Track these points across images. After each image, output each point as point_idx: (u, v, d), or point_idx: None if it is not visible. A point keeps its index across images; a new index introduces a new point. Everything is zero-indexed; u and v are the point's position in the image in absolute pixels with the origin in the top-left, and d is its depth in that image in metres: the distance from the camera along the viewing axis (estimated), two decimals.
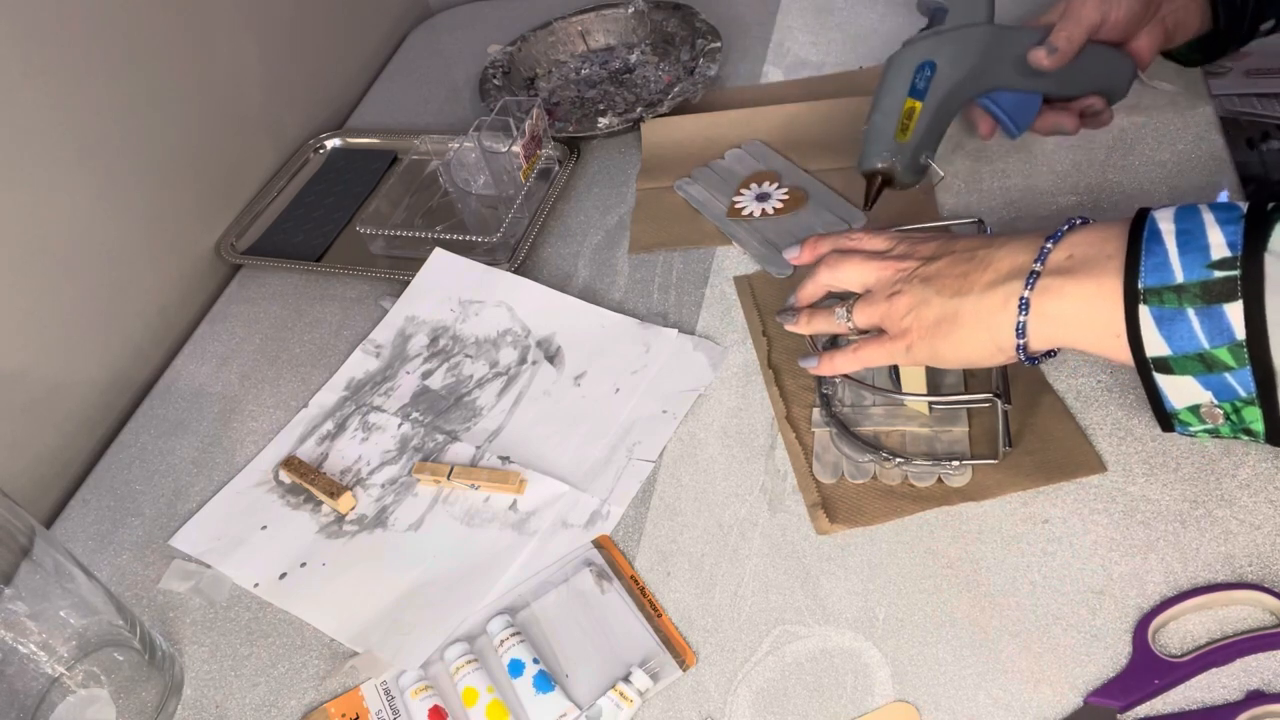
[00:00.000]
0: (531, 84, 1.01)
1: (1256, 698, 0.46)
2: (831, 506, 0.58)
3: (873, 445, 0.59)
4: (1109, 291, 0.45)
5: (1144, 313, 0.44)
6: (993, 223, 0.70)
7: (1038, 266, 0.48)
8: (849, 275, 0.56)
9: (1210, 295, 0.42)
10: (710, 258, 0.77)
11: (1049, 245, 0.48)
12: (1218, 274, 0.42)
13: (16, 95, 0.70)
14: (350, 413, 0.73)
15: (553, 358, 0.72)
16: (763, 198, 0.79)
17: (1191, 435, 0.48)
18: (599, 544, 0.60)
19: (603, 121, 0.88)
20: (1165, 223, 0.45)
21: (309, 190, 0.95)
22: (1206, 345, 0.43)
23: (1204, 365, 0.43)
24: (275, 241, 0.89)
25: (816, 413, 0.63)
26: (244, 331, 0.82)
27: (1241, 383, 0.43)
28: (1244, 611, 0.50)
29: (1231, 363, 0.42)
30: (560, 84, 0.97)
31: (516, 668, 0.54)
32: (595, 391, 0.69)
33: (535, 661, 0.54)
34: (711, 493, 0.61)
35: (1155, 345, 0.44)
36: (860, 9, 0.99)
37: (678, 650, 0.54)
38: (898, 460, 0.58)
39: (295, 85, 1.01)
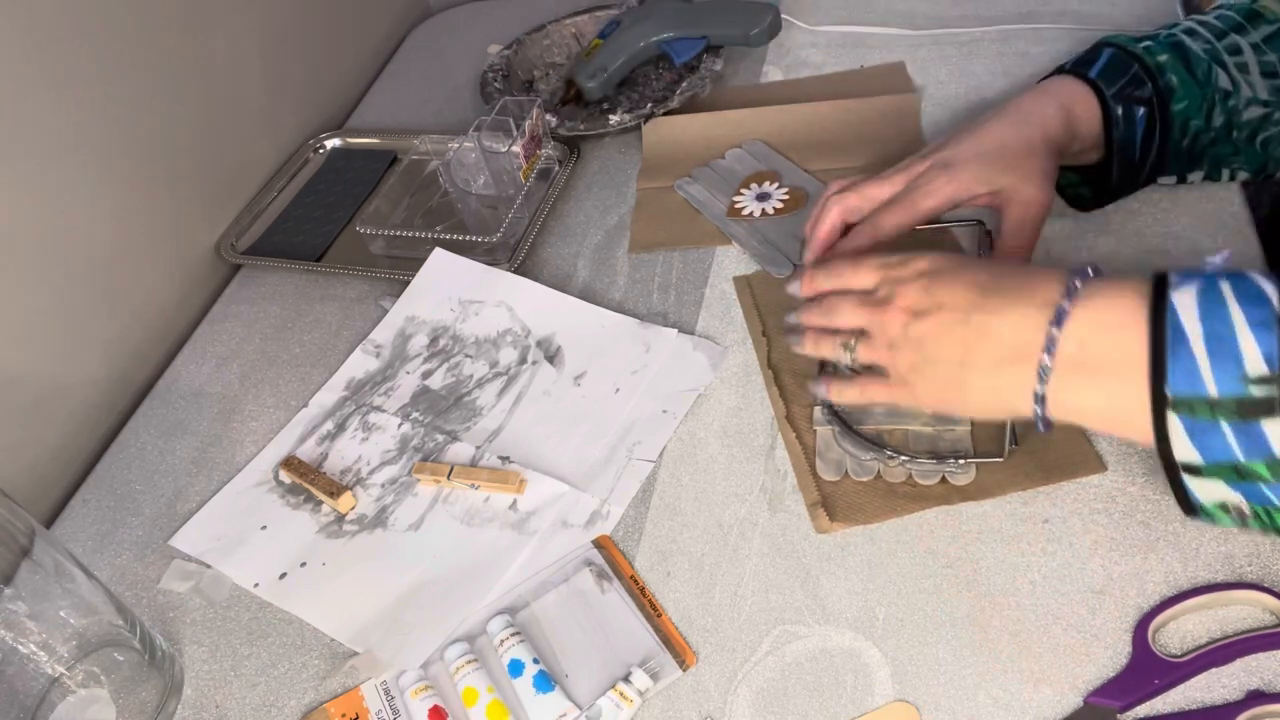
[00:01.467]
0: (530, 87, 1.01)
1: (1256, 698, 0.46)
2: (831, 505, 0.58)
3: (876, 444, 0.59)
4: (1133, 395, 0.43)
5: (1173, 420, 0.42)
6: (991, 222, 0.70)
7: (1047, 360, 0.45)
8: (844, 319, 0.55)
9: (1246, 411, 0.40)
10: (710, 258, 0.77)
11: (1055, 331, 0.45)
12: (1255, 391, 0.40)
13: (16, 95, 0.70)
14: (350, 413, 0.73)
15: (553, 358, 0.72)
16: (763, 197, 0.79)
17: (1215, 524, 0.45)
18: (599, 544, 0.60)
19: (613, 119, 0.88)
20: (1190, 321, 0.41)
21: (309, 190, 0.95)
22: (1241, 458, 0.41)
23: (1237, 474, 0.41)
24: (275, 241, 0.89)
25: (818, 411, 0.63)
26: (244, 331, 0.82)
27: (1276, 494, 0.41)
28: (1244, 611, 0.50)
29: (1268, 476, 0.41)
30: (560, 86, 0.97)
31: (516, 668, 0.54)
32: (595, 391, 0.69)
33: (535, 661, 0.54)
34: (711, 493, 0.61)
35: (1186, 452, 0.42)
36: (860, 9, 0.99)
37: (678, 650, 0.54)
38: (902, 458, 0.58)
39: (295, 85, 1.01)
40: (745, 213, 0.79)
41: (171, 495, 0.70)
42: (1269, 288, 0.41)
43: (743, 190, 0.80)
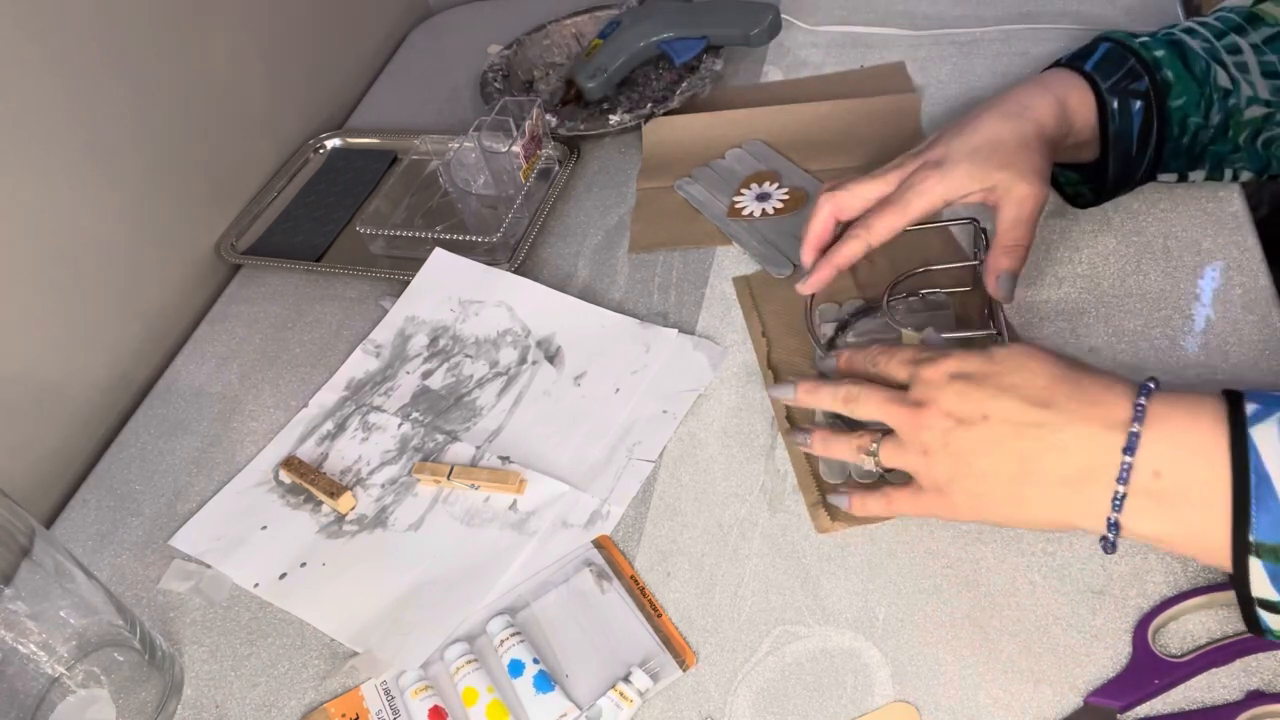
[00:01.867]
0: (530, 87, 1.01)
1: (1256, 698, 0.46)
2: (832, 505, 0.58)
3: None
4: (1214, 530, 0.42)
5: (1255, 565, 0.41)
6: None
7: (1122, 489, 0.43)
8: (869, 413, 0.51)
9: None
10: (710, 258, 0.77)
11: (1128, 459, 0.43)
12: None
13: (16, 95, 0.70)
14: (350, 413, 0.73)
15: (553, 358, 0.72)
16: (763, 197, 0.79)
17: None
18: (599, 544, 0.60)
19: (614, 119, 0.88)
20: (1273, 462, 0.40)
21: (309, 190, 0.95)
22: None
23: None
24: (275, 241, 0.89)
25: (820, 411, 0.63)
26: (244, 331, 0.82)
27: None
28: None
29: None
30: (560, 86, 0.97)
31: (516, 668, 0.54)
32: (595, 391, 0.69)
33: (535, 661, 0.54)
34: (711, 493, 0.61)
35: (1265, 591, 0.41)
36: (860, 9, 0.99)
37: (678, 650, 0.54)
38: None
39: (295, 85, 1.01)
40: (745, 213, 0.79)
41: (171, 495, 0.70)
42: None
43: (743, 190, 0.80)
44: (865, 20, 0.97)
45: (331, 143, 1.00)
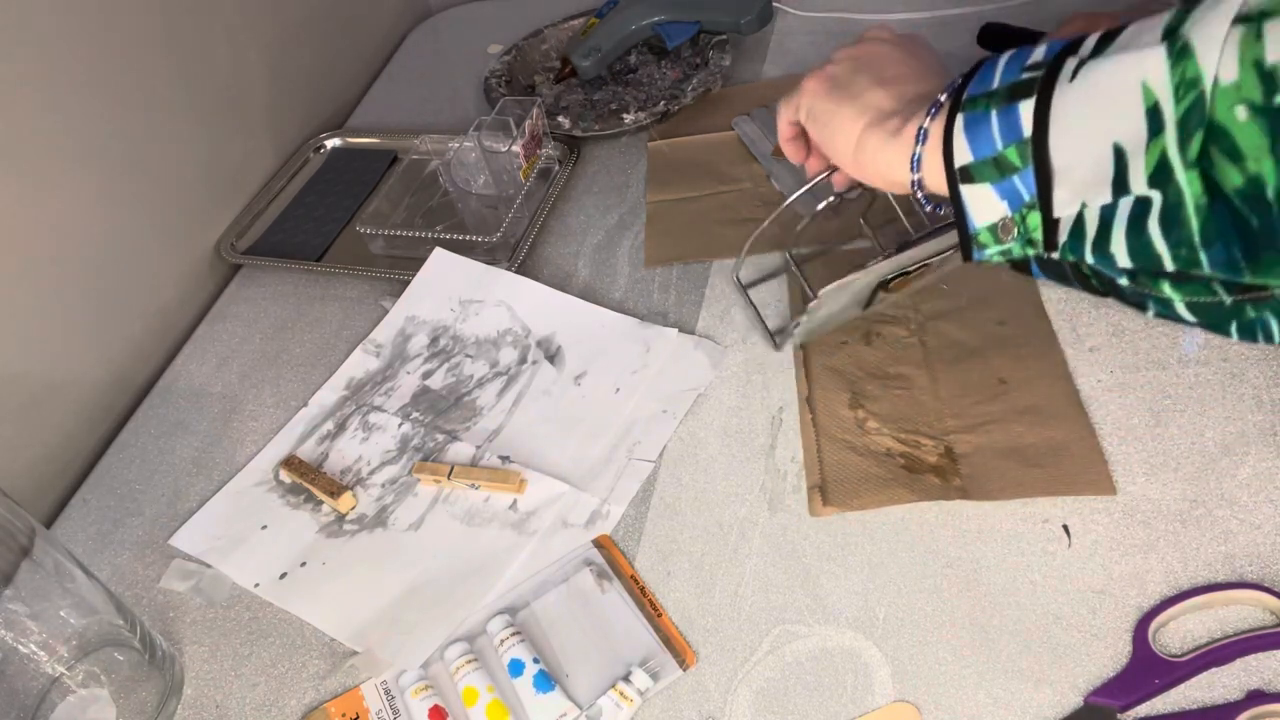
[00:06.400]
0: (532, 91, 1.01)
1: (1256, 697, 0.46)
2: (827, 490, 0.58)
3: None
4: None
5: (958, 122, 0.44)
6: None
7: (919, 149, 0.48)
8: (801, 100, 0.58)
9: (1014, 94, 0.42)
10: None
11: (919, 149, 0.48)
12: (1025, 75, 0.42)
13: (16, 96, 0.70)
14: (350, 412, 0.73)
15: (553, 357, 0.72)
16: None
17: (989, 260, 0.47)
18: (599, 543, 0.60)
19: (628, 117, 0.88)
20: (1003, 58, 0.45)
21: (309, 190, 0.95)
22: (1000, 146, 0.43)
23: (998, 169, 0.43)
24: (275, 241, 0.89)
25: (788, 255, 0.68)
26: (244, 331, 0.82)
27: (1026, 185, 0.42)
28: (1244, 611, 0.50)
29: (1017, 162, 0.42)
30: (563, 89, 0.98)
31: (516, 667, 0.54)
32: (595, 391, 0.69)
33: (535, 661, 0.54)
34: (711, 492, 0.61)
35: (962, 154, 0.44)
36: (860, 7, 0.99)
37: (678, 650, 0.54)
38: (879, 259, 0.59)
39: (295, 85, 1.01)
40: None
41: (171, 495, 0.70)
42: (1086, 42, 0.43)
43: None
44: (860, 7, 0.97)
45: (331, 142, 1.00)
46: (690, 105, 0.89)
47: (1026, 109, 0.41)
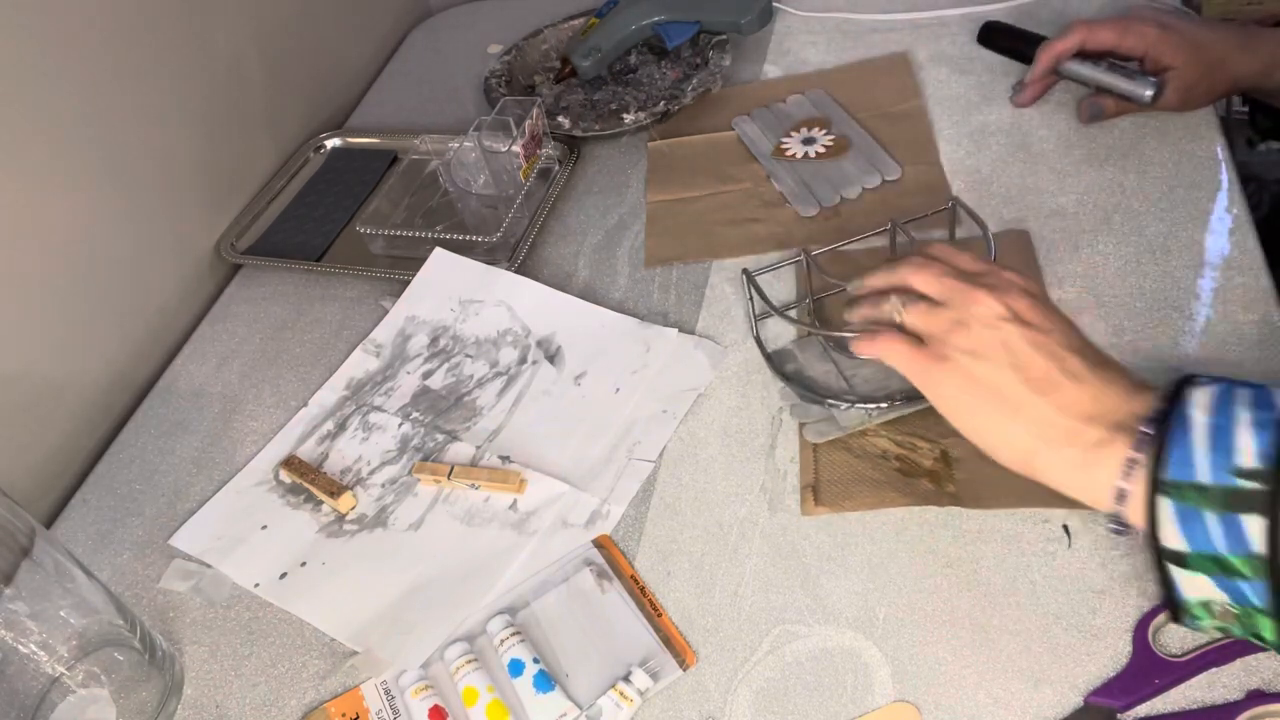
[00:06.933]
0: (532, 91, 1.01)
1: (1256, 697, 0.46)
2: (820, 490, 0.58)
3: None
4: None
5: (1163, 504, 0.42)
6: (993, 221, 0.70)
7: (1137, 454, 0.43)
8: (928, 282, 0.51)
9: (1231, 503, 0.40)
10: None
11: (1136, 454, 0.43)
12: (1242, 484, 0.40)
13: (16, 96, 0.70)
14: (350, 412, 0.73)
15: (553, 357, 0.72)
16: (809, 141, 0.84)
17: (1201, 630, 0.45)
18: (599, 544, 0.60)
19: (628, 117, 0.88)
20: (1198, 412, 0.42)
21: (309, 190, 0.95)
22: (1224, 551, 0.40)
23: (1221, 569, 0.41)
24: (275, 241, 0.89)
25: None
26: (244, 331, 0.82)
27: (1257, 593, 0.40)
28: None
29: (1248, 574, 0.40)
30: (563, 89, 0.98)
31: (516, 667, 0.54)
32: (595, 391, 0.69)
33: (535, 661, 0.54)
34: (711, 492, 0.61)
35: (1173, 539, 0.42)
36: (859, 7, 0.99)
37: (678, 650, 0.54)
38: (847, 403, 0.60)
39: (296, 85, 1.01)
40: (789, 153, 0.84)
41: (171, 495, 0.70)
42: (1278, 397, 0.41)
43: (792, 133, 0.85)
44: (860, 7, 0.97)
45: (332, 142, 1.00)
46: (690, 105, 0.89)
47: (1255, 526, 0.39)
